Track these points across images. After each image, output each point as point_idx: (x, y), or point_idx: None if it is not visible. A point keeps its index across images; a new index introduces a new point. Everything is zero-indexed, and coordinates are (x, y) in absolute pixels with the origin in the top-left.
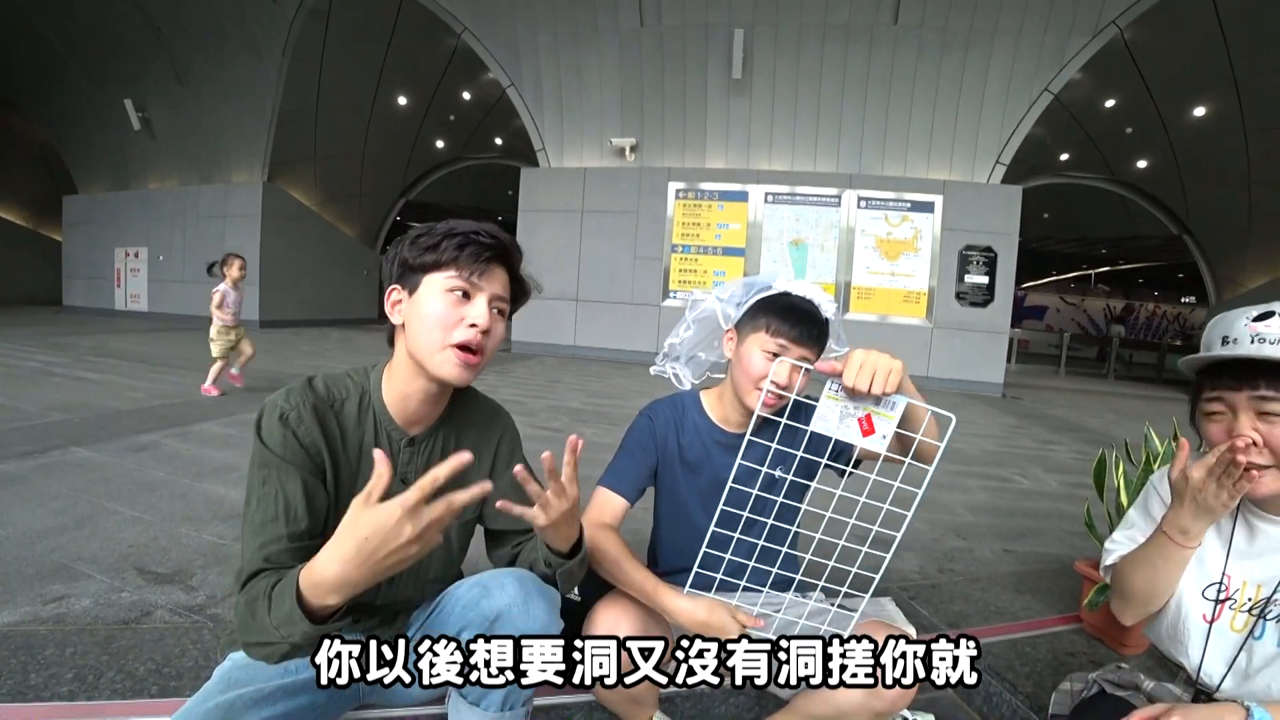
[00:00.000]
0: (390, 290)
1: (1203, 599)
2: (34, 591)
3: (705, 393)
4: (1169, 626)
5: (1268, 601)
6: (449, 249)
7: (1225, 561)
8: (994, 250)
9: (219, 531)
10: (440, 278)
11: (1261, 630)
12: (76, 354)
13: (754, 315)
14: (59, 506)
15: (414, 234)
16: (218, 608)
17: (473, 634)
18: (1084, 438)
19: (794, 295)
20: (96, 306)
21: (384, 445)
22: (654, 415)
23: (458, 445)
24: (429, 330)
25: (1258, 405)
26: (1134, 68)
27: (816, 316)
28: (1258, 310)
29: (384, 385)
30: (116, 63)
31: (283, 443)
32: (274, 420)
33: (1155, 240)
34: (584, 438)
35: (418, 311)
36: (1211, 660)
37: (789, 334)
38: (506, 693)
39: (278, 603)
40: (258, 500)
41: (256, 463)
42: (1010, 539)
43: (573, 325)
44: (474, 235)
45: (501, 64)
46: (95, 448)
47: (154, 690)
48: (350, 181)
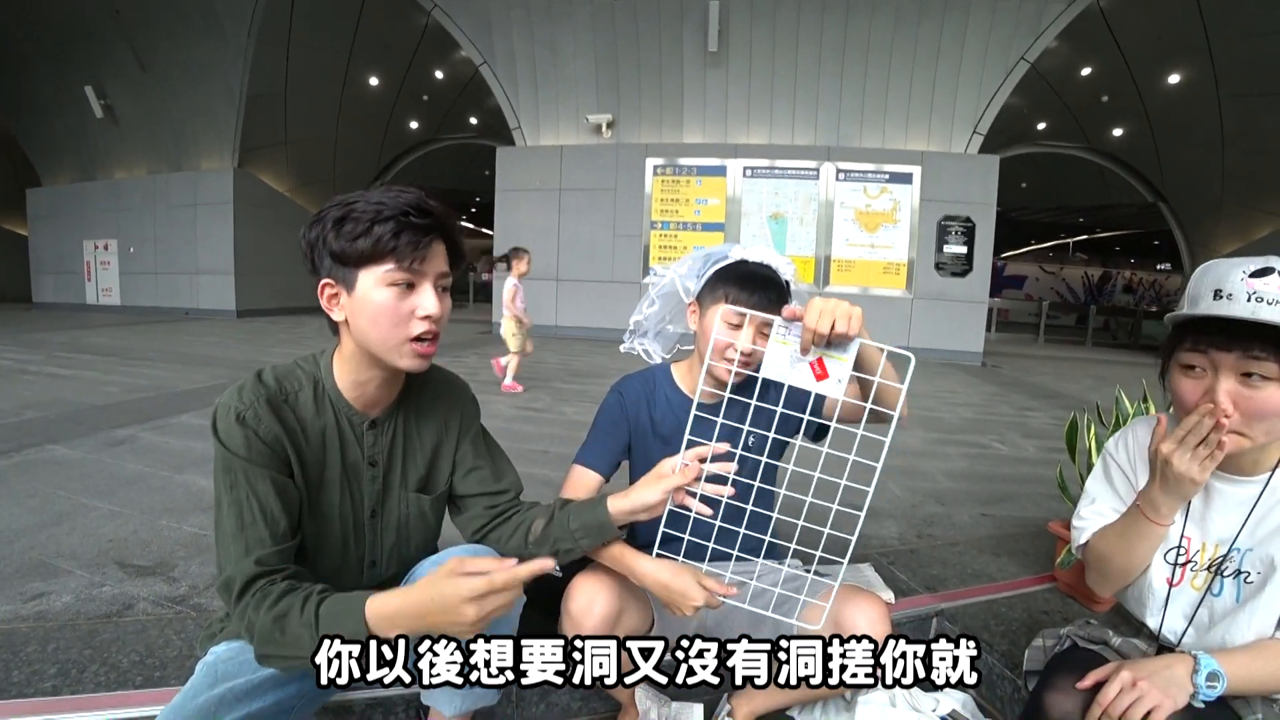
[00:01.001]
0: (323, 285)
1: (1164, 563)
2: (13, 590)
3: (676, 365)
4: (1134, 590)
5: (1224, 558)
6: (384, 238)
7: (1184, 524)
8: (972, 220)
9: (200, 522)
10: (379, 271)
11: (1220, 587)
12: (49, 351)
13: (713, 286)
14: (36, 504)
15: (335, 215)
16: (200, 597)
17: None
18: (1062, 403)
19: (750, 262)
20: (68, 302)
21: (346, 430)
22: (624, 391)
23: (419, 421)
24: (379, 329)
25: (1243, 366)
26: (1110, 35)
27: (775, 280)
28: (1254, 265)
29: (335, 372)
30: (75, 48)
31: (245, 444)
32: (230, 422)
33: (1131, 208)
34: (566, 416)
35: (362, 310)
36: (1172, 618)
37: (748, 301)
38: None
39: (330, 624)
40: (229, 505)
41: (221, 467)
42: (988, 504)
43: (554, 304)
44: (406, 217)
45: (474, 41)
46: (71, 444)
47: (139, 681)
48: (324, 165)
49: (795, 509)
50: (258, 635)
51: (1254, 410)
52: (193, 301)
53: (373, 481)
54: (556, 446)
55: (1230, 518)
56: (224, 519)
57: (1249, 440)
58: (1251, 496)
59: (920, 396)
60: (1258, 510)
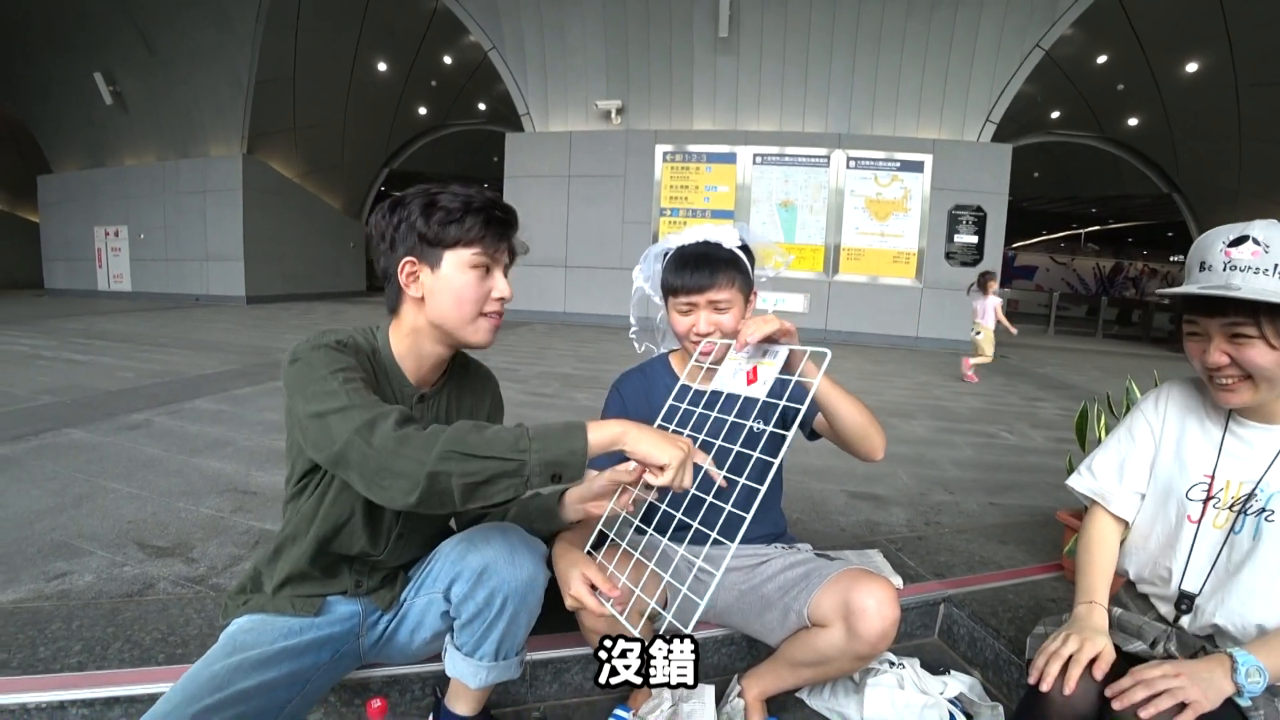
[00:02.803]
0: (405, 262)
1: (1188, 500)
2: (36, 569)
3: (674, 354)
4: (1159, 536)
5: (1249, 497)
6: (475, 227)
7: (1216, 462)
8: (983, 210)
9: (216, 505)
10: (466, 254)
11: (1240, 525)
12: (63, 337)
13: (663, 282)
14: (56, 486)
15: (422, 202)
16: (219, 578)
17: (464, 586)
18: (1070, 394)
19: (684, 246)
20: (79, 288)
21: (397, 399)
22: (622, 388)
23: (459, 398)
24: (460, 305)
25: (1228, 330)
26: (1126, 23)
27: (713, 254)
28: (1235, 233)
29: (393, 346)
30: (83, 33)
31: (335, 354)
32: (323, 344)
33: (1145, 199)
34: (575, 402)
35: (445, 287)
36: (1197, 561)
37: (684, 286)
38: (499, 642)
39: (541, 427)
40: (348, 393)
41: (321, 372)
42: (996, 492)
43: (562, 291)
44: (495, 212)
45: (482, 26)
46: (88, 428)
47: (161, 658)
48: (332, 151)
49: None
50: (447, 438)
51: (1246, 362)
52: (203, 288)
53: None
54: None
55: (1257, 460)
56: (348, 400)
57: (1255, 393)
58: (1275, 440)
59: (927, 386)
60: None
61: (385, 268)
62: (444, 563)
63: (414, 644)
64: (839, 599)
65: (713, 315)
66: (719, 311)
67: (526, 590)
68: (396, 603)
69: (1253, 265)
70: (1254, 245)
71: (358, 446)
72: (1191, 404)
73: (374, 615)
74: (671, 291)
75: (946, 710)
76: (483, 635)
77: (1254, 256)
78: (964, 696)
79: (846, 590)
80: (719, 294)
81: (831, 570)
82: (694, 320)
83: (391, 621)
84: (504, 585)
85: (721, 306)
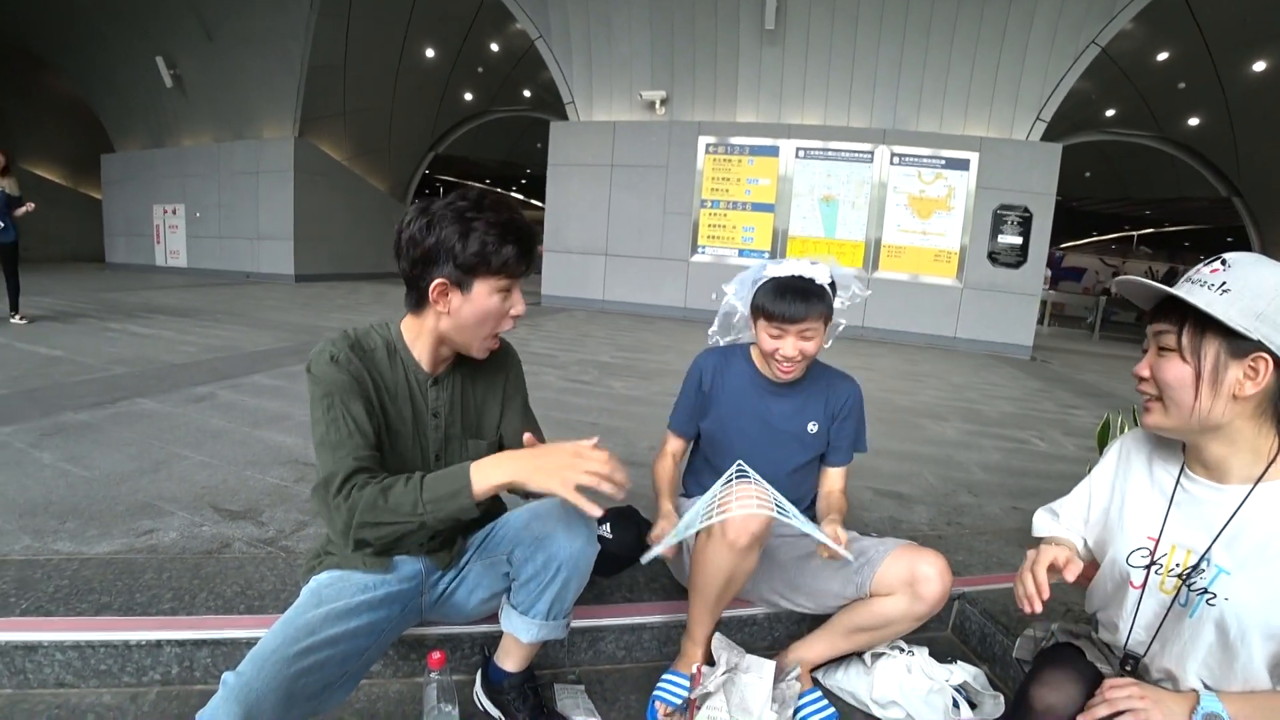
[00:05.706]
0: (439, 284)
1: (1129, 566)
2: (126, 526)
3: (754, 346)
4: (1106, 592)
5: (1194, 569)
6: (511, 261)
7: (1164, 522)
8: (1030, 210)
9: (280, 475)
10: (496, 282)
11: (1185, 598)
12: (128, 310)
13: (755, 305)
14: (134, 452)
15: (459, 229)
16: (288, 540)
17: (525, 550)
18: (1109, 403)
19: (780, 277)
20: (138, 263)
21: (413, 386)
22: (701, 364)
23: (474, 379)
24: (482, 324)
25: (1158, 339)
26: (1190, 18)
27: (807, 289)
28: (1224, 256)
29: (407, 339)
30: (145, 19)
31: (338, 375)
32: (325, 361)
33: (1203, 202)
34: (614, 391)
35: (472, 309)
36: (1142, 622)
37: (781, 315)
38: (551, 602)
39: (434, 486)
40: (328, 425)
41: (318, 395)
42: (1020, 497)
43: (602, 279)
44: (528, 245)
45: (529, 14)
46: (158, 398)
47: (242, 609)
48: (379, 135)
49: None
50: (360, 508)
51: (1158, 375)
52: (254, 265)
53: (436, 430)
54: (605, 419)
55: (1206, 526)
56: (324, 435)
57: (1164, 415)
58: (1226, 505)
59: (961, 389)
60: (1235, 524)
61: (413, 277)
62: (507, 530)
63: (470, 603)
64: (905, 569)
65: (799, 342)
66: (805, 340)
67: (579, 558)
68: (455, 564)
69: (1207, 280)
70: (1219, 264)
71: (319, 492)
72: (1149, 454)
73: (435, 575)
74: (766, 316)
75: (950, 695)
76: (537, 595)
77: (1212, 274)
78: (968, 685)
79: (911, 562)
80: (809, 325)
81: (887, 548)
82: (781, 345)
83: (452, 581)
84: (560, 552)
85: (808, 335)
